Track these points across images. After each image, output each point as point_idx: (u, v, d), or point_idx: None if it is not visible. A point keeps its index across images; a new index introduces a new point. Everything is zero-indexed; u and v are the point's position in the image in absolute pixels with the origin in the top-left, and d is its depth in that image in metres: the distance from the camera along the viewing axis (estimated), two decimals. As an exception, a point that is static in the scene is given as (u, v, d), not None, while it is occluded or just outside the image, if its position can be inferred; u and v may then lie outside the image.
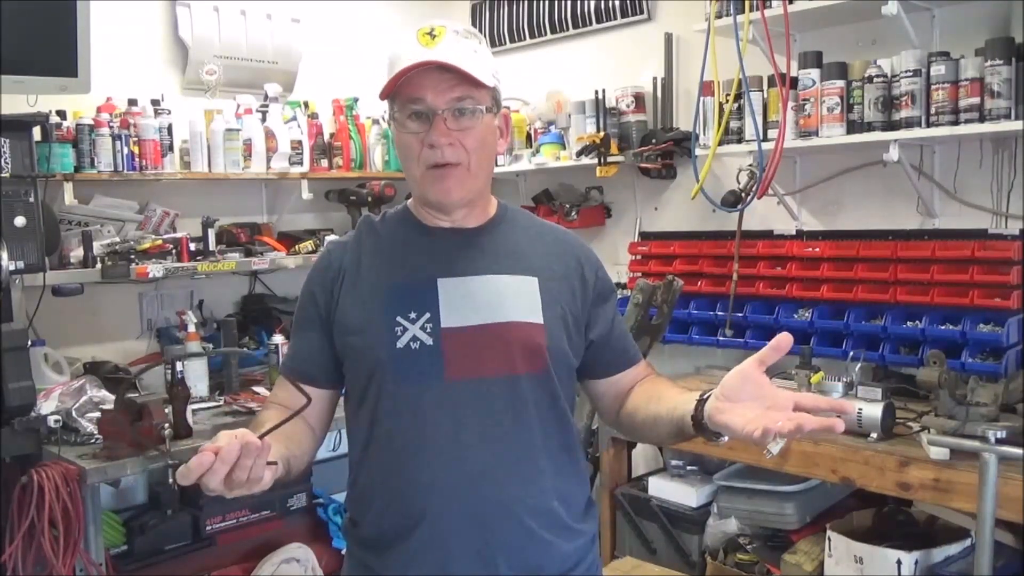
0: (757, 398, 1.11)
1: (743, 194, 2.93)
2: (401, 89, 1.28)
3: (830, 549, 2.33)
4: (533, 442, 1.33)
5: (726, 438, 1.16)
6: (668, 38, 3.33)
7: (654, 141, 3.23)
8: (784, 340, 1.10)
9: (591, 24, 3.60)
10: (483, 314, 1.32)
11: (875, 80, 2.51)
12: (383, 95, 1.31)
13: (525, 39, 3.83)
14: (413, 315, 1.31)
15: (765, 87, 2.80)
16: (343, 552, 1.49)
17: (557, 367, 1.35)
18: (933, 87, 2.40)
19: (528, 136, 3.61)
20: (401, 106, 1.30)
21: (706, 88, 2.88)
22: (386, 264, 1.37)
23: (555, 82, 3.55)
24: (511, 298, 1.34)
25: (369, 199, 3.50)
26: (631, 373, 1.48)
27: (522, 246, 1.40)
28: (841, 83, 2.58)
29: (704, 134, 2.93)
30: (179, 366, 2.57)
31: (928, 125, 2.43)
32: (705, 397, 1.20)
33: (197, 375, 2.88)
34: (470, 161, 1.30)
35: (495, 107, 1.34)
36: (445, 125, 1.27)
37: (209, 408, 2.83)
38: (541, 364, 1.33)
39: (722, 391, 1.15)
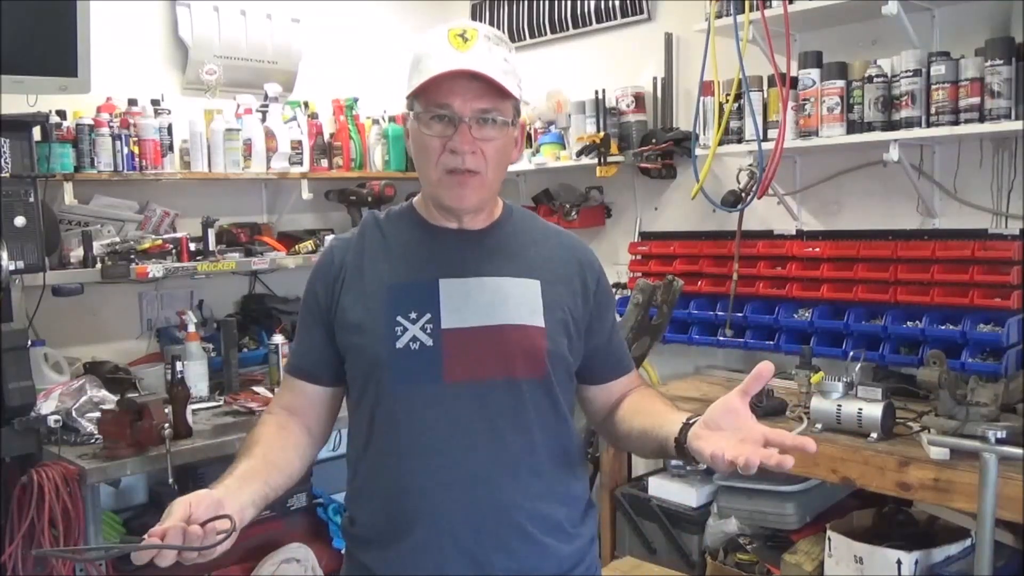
0: (735, 429, 1.13)
1: (743, 194, 2.93)
2: (428, 90, 1.27)
3: (830, 549, 2.34)
4: (532, 445, 1.33)
5: (702, 465, 1.19)
6: (668, 38, 3.33)
7: (654, 141, 3.23)
8: (766, 369, 1.13)
9: (591, 24, 3.60)
10: (484, 316, 1.31)
11: (875, 80, 2.51)
12: (410, 94, 1.30)
13: (525, 39, 3.83)
14: (414, 315, 1.31)
15: (765, 87, 2.80)
16: (343, 552, 1.49)
17: (557, 371, 1.35)
18: (933, 87, 2.40)
19: (528, 136, 3.61)
20: (425, 106, 1.29)
21: (706, 88, 2.88)
22: (389, 263, 1.37)
23: (555, 82, 3.55)
24: (513, 300, 1.34)
25: (369, 199, 3.49)
26: (622, 382, 1.49)
27: (525, 248, 1.40)
28: (841, 83, 2.58)
29: (704, 134, 2.93)
30: (179, 366, 2.58)
31: (928, 125, 2.43)
32: (691, 421, 1.22)
33: (197, 375, 2.88)
34: (487, 170, 1.30)
35: (516, 117, 1.34)
36: (470, 133, 1.27)
37: (209, 408, 2.83)
38: (541, 368, 1.33)
39: (705, 419, 1.18)
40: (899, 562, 2.16)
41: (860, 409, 2.25)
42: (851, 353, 2.51)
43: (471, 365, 1.30)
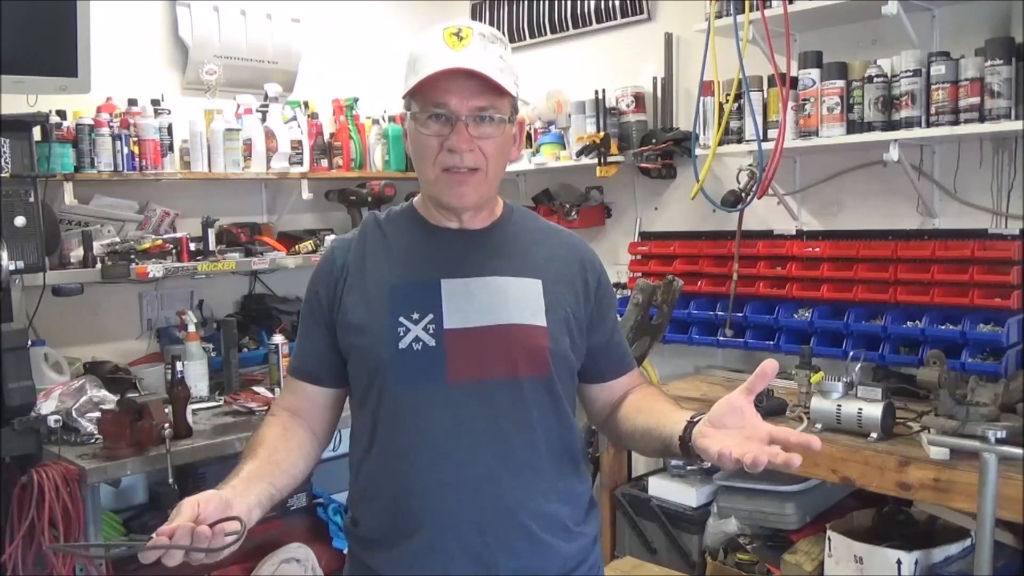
0: (739, 427, 1.14)
1: (743, 194, 2.93)
2: (424, 89, 1.27)
3: (830, 549, 2.34)
4: (535, 444, 1.33)
5: (708, 463, 1.19)
6: (668, 38, 3.33)
7: (654, 141, 3.23)
8: (770, 367, 1.14)
9: (591, 24, 3.60)
10: (486, 316, 1.32)
11: (875, 80, 2.51)
12: (406, 94, 1.30)
13: (525, 39, 3.83)
14: (416, 315, 1.31)
15: (765, 87, 2.80)
16: (343, 552, 1.49)
17: (559, 370, 1.35)
18: (933, 87, 2.40)
19: (528, 136, 3.61)
20: (422, 106, 1.29)
21: (706, 88, 2.88)
22: (390, 263, 1.37)
23: (555, 82, 3.55)
24: (514, 300, 1.34)
25: (369, 199, 3.50)
26: (623, 380, 1.49)
27: (527, 248, 1.40)
28: (841, 83, 2.58)
29: (704, 134, 2.93)
30: (179, 366, 2.58)
31: (928, 125, 2.43)
32: (695, 420, 1.22)
33: (197, 375, 2.88)
34: (487, 168, 1.30)
35: (514, 114, 1.34)
36: (467, 131, 1.27)
37: (209, 408, 2.83)
38: (543, 367, 1.33)
39: (709, 417, 1.18)
40: (899, 562, 2.16)
41: (860, 409, 2.25)
42: (851, 353, 2.50)
43: (474, 365, 1.30)
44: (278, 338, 3.03)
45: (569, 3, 3.65)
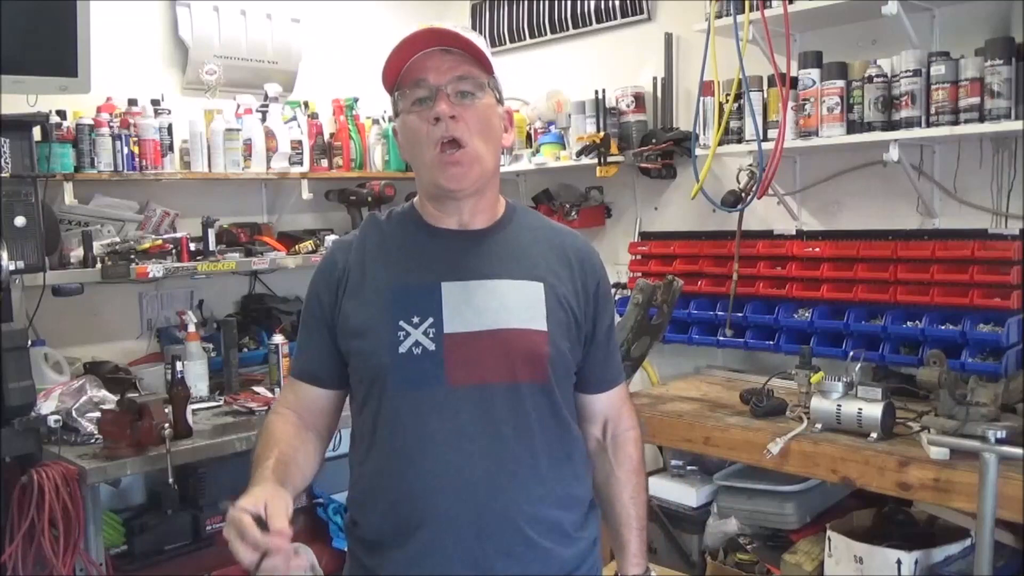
0: None
1: (743, 194, 2.92)
2: (404, 77, 1.30)
3: (830, 549, 2.33)
4: (534, 449, 1.33)
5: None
6: (668, 38, 3.33)
7: (654, 141, 3.23)
8: None
9: (591, 24, 3.60)
10: (486, 320, 1.31)
11: (875, 80, 2.51)
12: (387, 78, 1.33)
13: (525, 39, 3.83)
14: (416, 319, 1.30)
15: (765, 87, 2.80)
16: (344, 552, 1.49)
17: (558, 375, 1.35)
18: (933, 87, 2.40)
19: (528, 136, 3.61)
20: (405, 94, 1.31)
21: (706, 88, 2.88)
22: (390, 265, 1.36)
23: (555, 82, 3.55)
24: (515, 304, 1.33)
25: (369, 199, 3.50)
26: (605, 399, 1.48)
27: (529, 249, 1.39)
28: (841, 83, 2.58)
29: (704, 134, 2.93)
30: (179, 366, 2.58)
31: (928, 125, 2.43)
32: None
33: (197, 375, 2.88)
34: (473, 139, 1.30)
35: (497, 95, 1.35)
36: (449, 100, 1.28)
37: (209, 408, 2.84)
38: (542, 372, 1.33)
39: None
40: (899, 562, 2.16)
41: (860, 409, 2.25)
42: (851, 353, 2.50)
43: (473, 369, 1.30)
44: (278, 338, 3.03)
45: (569, 3, 3.65)
